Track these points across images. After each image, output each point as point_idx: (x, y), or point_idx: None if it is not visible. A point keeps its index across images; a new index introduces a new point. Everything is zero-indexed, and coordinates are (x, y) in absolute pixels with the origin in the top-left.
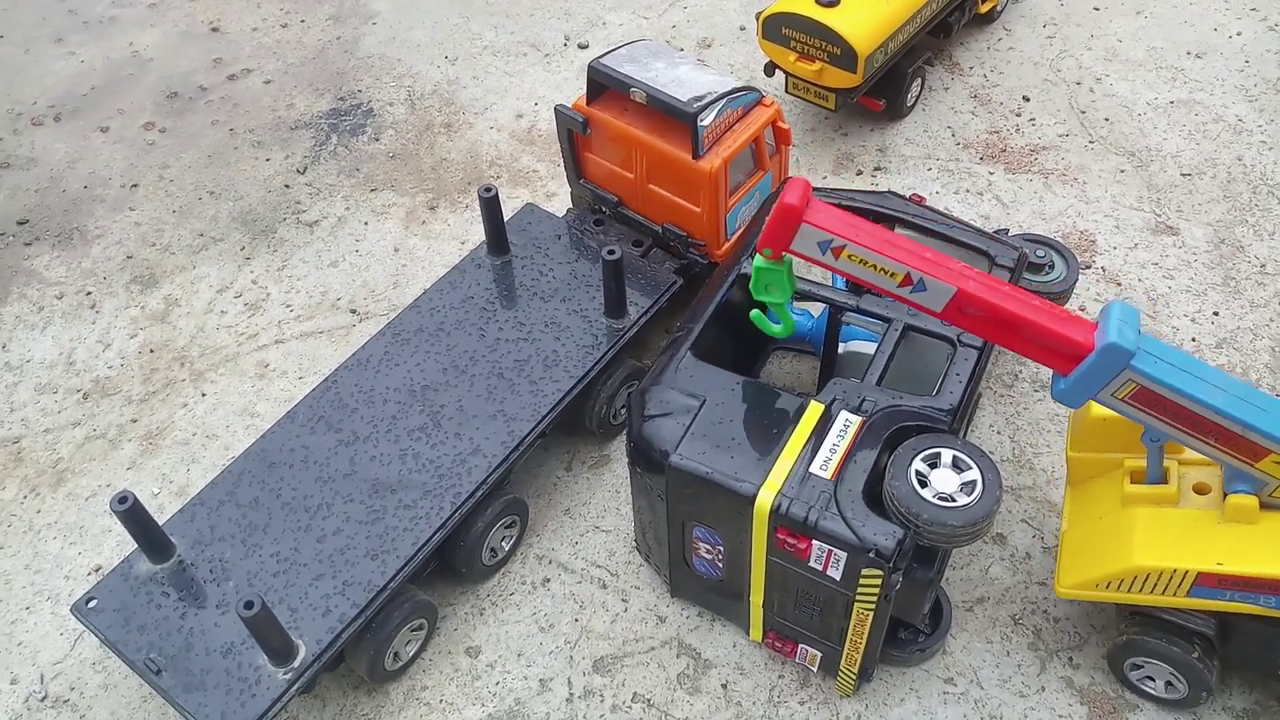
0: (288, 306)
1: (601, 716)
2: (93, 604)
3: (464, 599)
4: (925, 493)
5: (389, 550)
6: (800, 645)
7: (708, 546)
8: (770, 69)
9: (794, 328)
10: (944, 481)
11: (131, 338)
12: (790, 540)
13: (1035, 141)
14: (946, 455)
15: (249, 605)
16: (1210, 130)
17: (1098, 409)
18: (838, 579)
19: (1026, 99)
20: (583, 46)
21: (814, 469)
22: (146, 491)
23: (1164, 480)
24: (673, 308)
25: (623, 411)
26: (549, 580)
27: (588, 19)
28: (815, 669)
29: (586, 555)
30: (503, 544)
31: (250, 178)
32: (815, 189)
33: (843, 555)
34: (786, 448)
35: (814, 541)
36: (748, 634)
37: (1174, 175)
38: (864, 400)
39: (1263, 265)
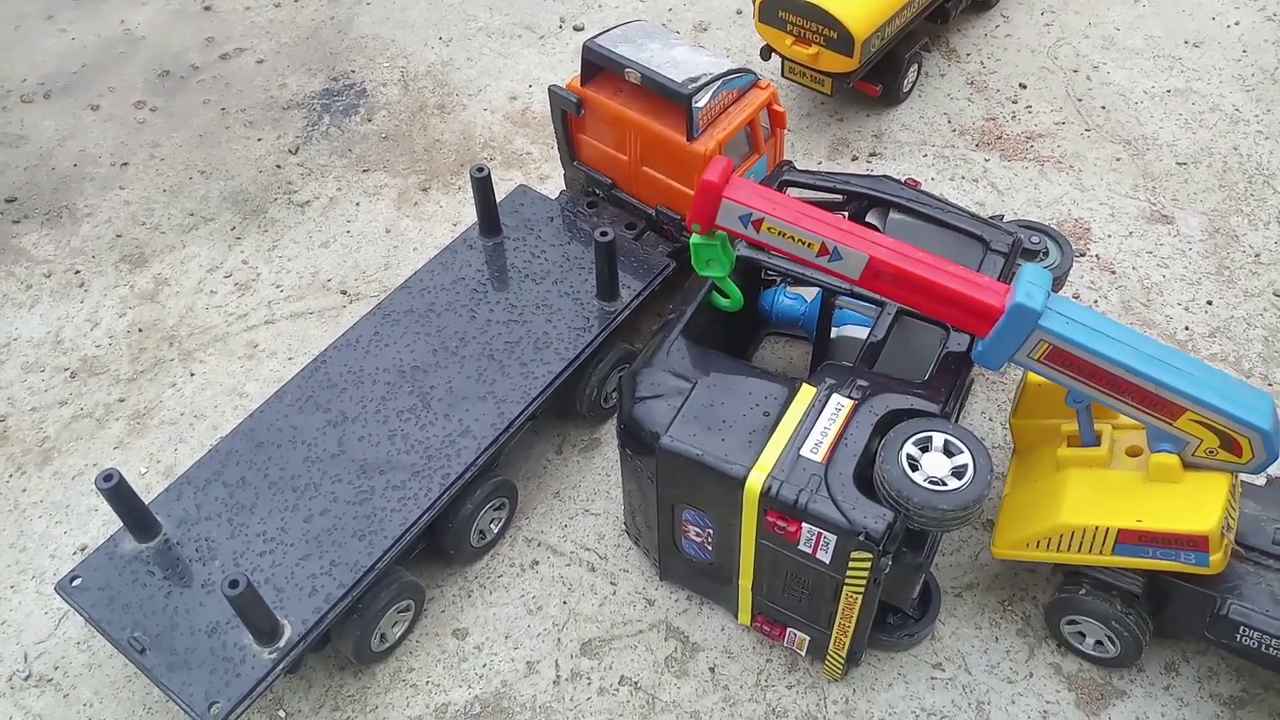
0: (278, 287)
1: (588, 699)
2: (77, 582)
3: (452, 581)
4: (916, 476)
5: (377, 531)
6: (788, 629)
7: (697, 529)
8: (766, 53)
9: (741, 301)
10: (935, 465)
11: (120, 317)
12: (780, 523)
13: (1031, 129)
14: (938, 439)
15: (234, 584)
16: (1207, 119)
17: (1035, 376)
18: (827, 562)
19: (1023, 86)
20: (578, 29)
21: (805, 452)
22: (133, 471)
23: (1096, 443)
24: (665, 291)
25: (614, 395)
26: (538, 563)
27: (583, 1)
28: (803, 653)
29: (576, 538)
30: (491, 526)
31: (241, 157)
32: (812, 171)
33: (832, 538)
34: (778, 431)
35: (804, 524)
36: (736, 617)
37: (1170, 164)
38: (855, 384)
39: (1257, 255)
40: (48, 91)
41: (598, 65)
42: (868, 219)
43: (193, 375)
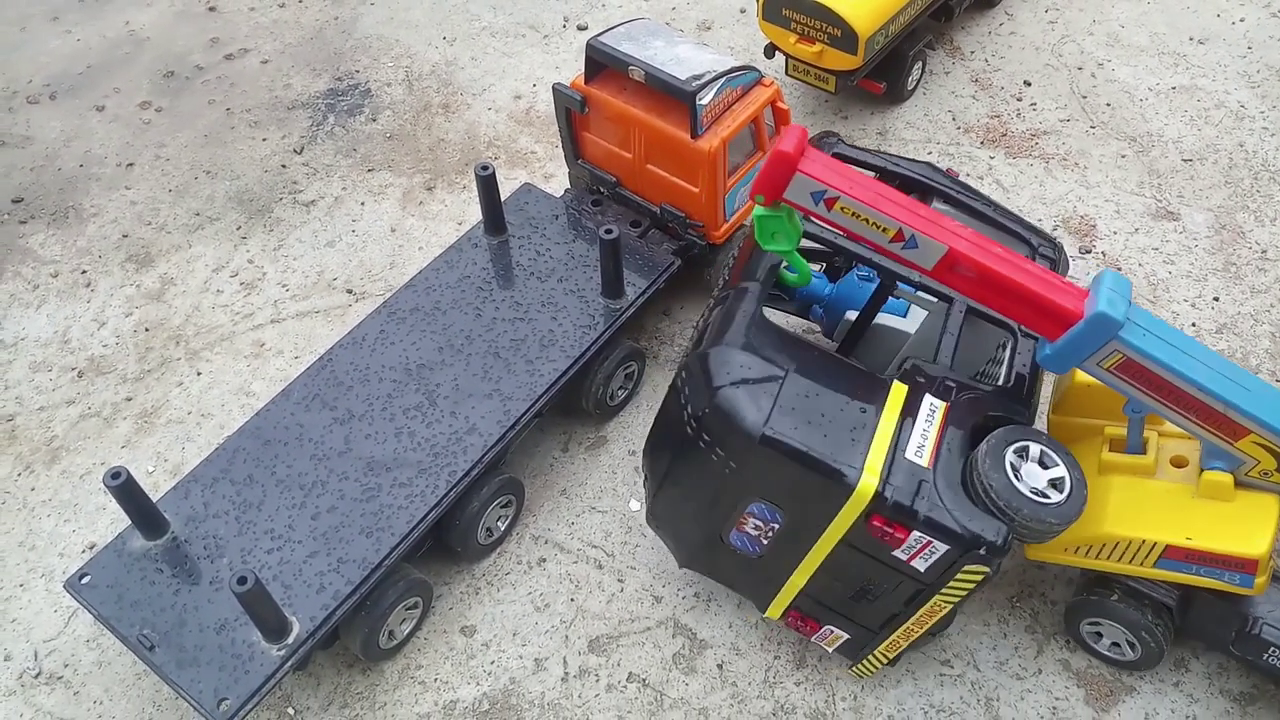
0: (284, 286)
1: (596, 696)
2: (86, 580)
3: (460, 578)
4: (1021, 487)
5: (384, 528)
6: (825, 625)
7: (759, 523)
8: (770, 51)
9: (809, 277)
10: (1033, 476)
11: (127, 316)
12: (886, 528)
13: (1036, 126)
14: (1034, 449)
15: (242, 581)
16: (1212, 116)
17: (1083, 374)
18: (922, 570)
19: (1028, 84)
20: (582, 28)
21: (909, 455)
22: (141, 470)
23: (1142, 451)
24: (671, 289)
25: (620, 393)
26: (545, 560)
27: (587, 0)
28: (830, 649)
29: (583, 535)
30: (498, 524)
31: (247, 157)
32: (859, 146)
33: (942, 548)
34: (879, 431)
35: (913, 532)
36: (761, 610)
37: (1175, 161)
38: (944, 384)
39: (1264, 251)
40: (53, 93)
41: (601, 63)
42: None
43: (199, 374)
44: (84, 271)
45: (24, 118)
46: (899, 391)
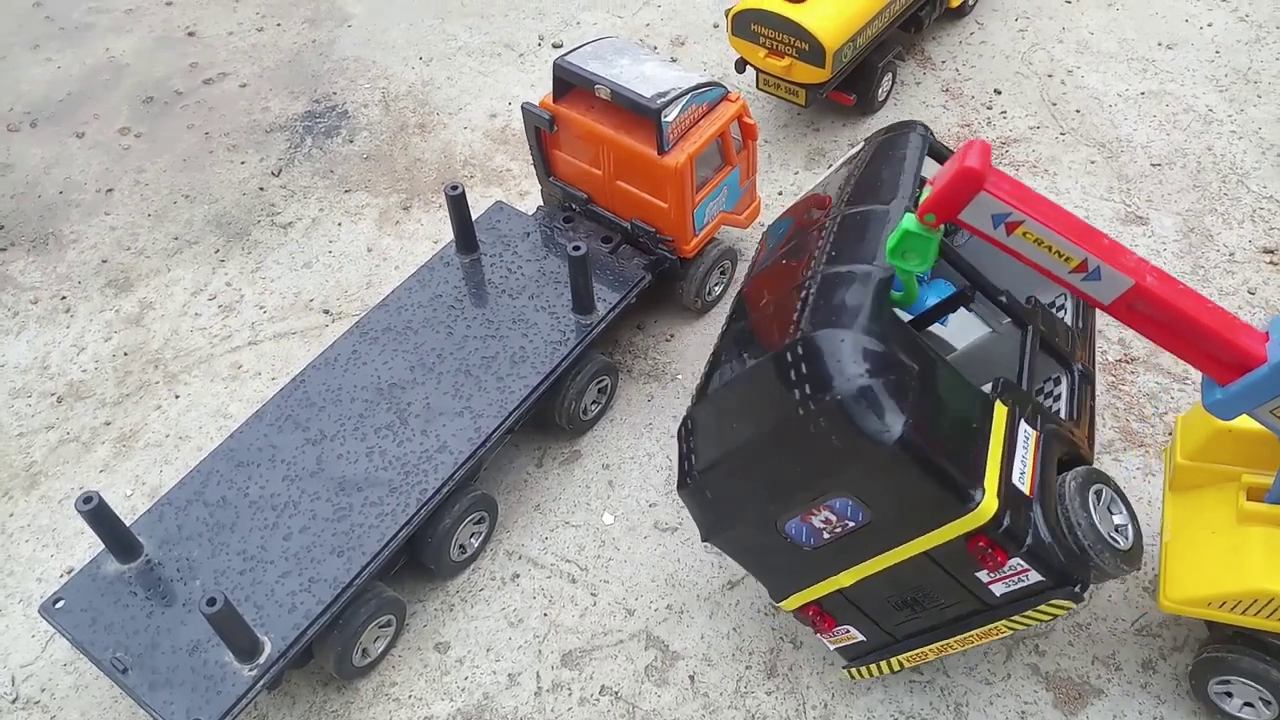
0: (261, 308)
1: (569, 710)
2: (60, 605)
3: (433, 595)
4: (1102, 529)
5: (355, 547)
6: (843, 625)
7: (832, 516)
8: (741, 66)
9: (916, 297)
10: (1105, 521)
11: (106, 341)
12: (987, 549)
13: (1007, 134)
14: (1106, 494)
15: (211, 602)
16: (1180, 120)
17: (1226, 422)
18: (997, 595)
19: (998, 92)
20: (556, 46)
21: (1015, 481)
22: (119, 493)
23: None
24: (643, 303)
25: (593, 407)
26: (519, 576)
27: (562, 19)
28: (833, 646)
29: (556, 550)
30: (471, 540)
31: (225, 181)
32: (938, 142)
33: (1034, 579)
34: (990, 451)
35: (1013, 558)
36: (775, 599)
37: (1144, 165)
38: (1033, 411)
39: (1231, 254)
40: (34, 120)
41: (569, 82)
42: None
43: (177, 397)
44: (63, 297)
45: (5, 146)
46: (1001, 412)
